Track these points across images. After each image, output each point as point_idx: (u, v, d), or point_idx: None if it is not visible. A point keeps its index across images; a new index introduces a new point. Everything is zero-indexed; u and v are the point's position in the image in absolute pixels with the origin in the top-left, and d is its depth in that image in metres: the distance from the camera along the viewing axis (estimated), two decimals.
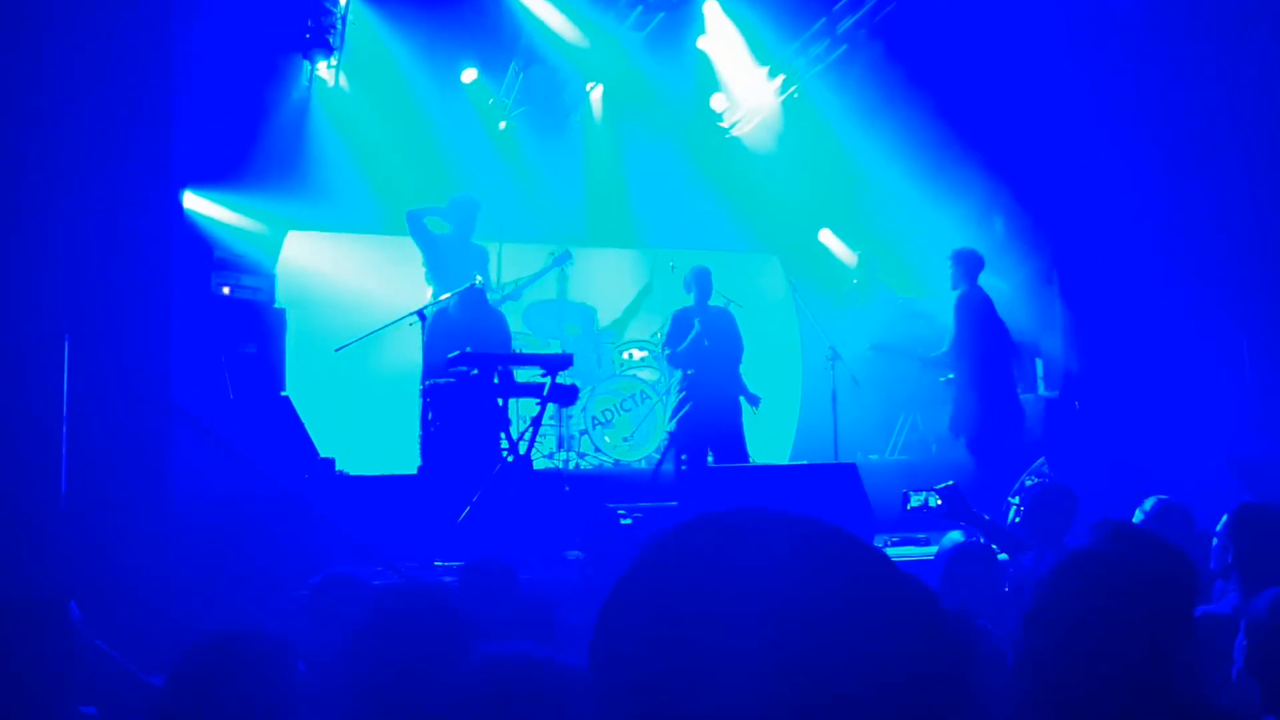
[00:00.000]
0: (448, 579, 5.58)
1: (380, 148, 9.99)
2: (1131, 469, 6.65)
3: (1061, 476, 5.84)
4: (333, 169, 9.81)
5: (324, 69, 9.59)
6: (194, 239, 7.84)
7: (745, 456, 8.03)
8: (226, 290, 8.03)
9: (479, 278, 7.57)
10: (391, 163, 10.00)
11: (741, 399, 8.15)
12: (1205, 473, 6.59)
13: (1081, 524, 4.22)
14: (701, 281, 8.23)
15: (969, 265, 7.58)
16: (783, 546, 0.87)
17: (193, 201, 8.11)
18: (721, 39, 10.06)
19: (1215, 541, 3.50)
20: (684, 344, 8.04)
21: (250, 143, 8.59)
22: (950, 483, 4.73)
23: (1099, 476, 6.34)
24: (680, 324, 8.17)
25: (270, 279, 8.51)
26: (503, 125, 10.87)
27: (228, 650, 2.14)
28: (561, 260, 9.58)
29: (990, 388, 7.40)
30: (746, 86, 10.52)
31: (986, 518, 4.70)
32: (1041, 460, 6.79)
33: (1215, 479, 6.47)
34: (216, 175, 8.12)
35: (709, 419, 7.99)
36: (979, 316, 7.47)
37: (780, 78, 10.26)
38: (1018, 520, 4.73)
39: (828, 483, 6.77)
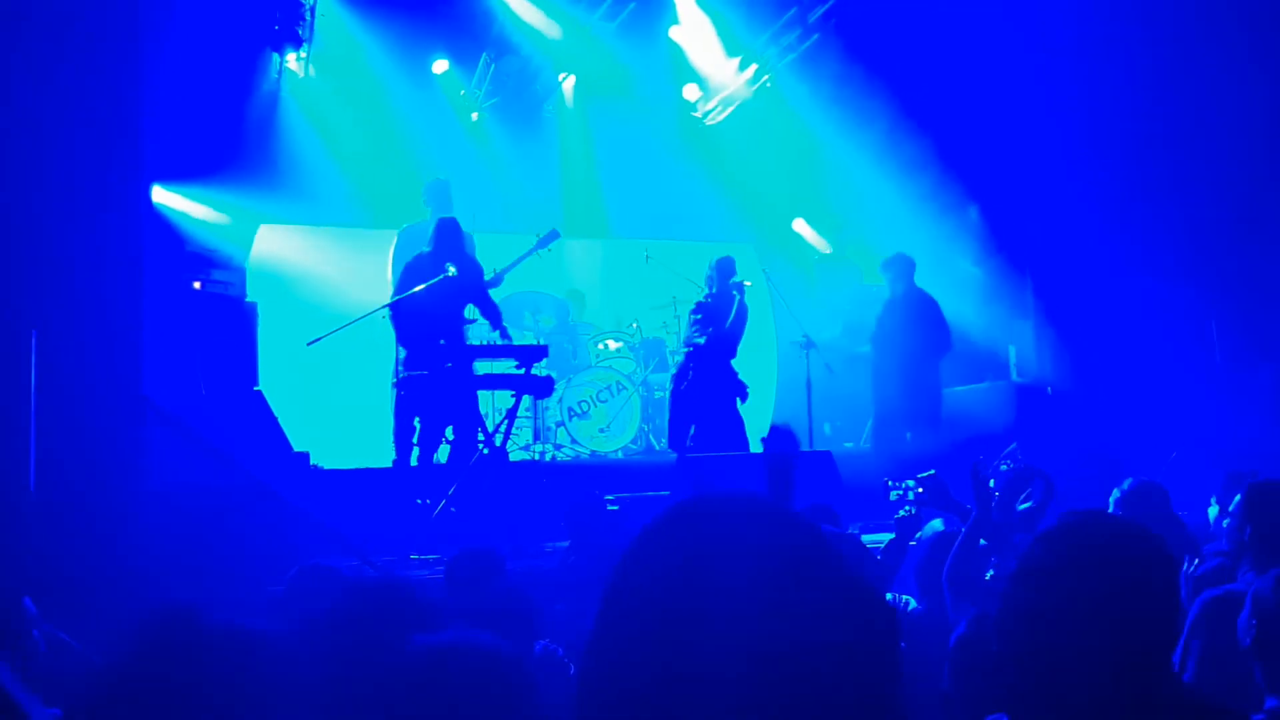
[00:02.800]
0: (430, 571, 5.57)
1: (352, 140, 9.92)
2: (1104, 453, 6.70)
3: (1034, 461, 5.87)
4: (304, 162, 9.73)
5: (293, 62, 9.51)
6: (165, 234, 7.76)
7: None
8: (198, 285, 7.96)
9: (452, 268, 7.52)
10: (363, 155, 9.94)
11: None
12: (1177, 455, 6.66)
13: (1056, 508, 4.26)
14: (724, 272, 8.10)
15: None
16: (764, 538, 0.94)
17: (163, 196, 8.02)
18: (693, 29, 10.05)
19: (1227, 521, 3.57)
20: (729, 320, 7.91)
21: (220, 137, 8.50)
22: (931, 472, 4.73)
23: (1072, 461, 6.39)
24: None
25: (241, 273, 8.43)
26: (475, 116, 10.81)
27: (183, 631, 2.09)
28: (548, 240, 9.49)
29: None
30: (719, 76, 10.51)
31: (968, 507, 4.72)
32: (1014, 445, 6.84)
33: (1187, 461, 6.53)
34: (187, 170, 8.04)
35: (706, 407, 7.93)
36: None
37: (753, 67, 10.26)
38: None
39: (803, 470, 6.79)
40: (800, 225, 11.48)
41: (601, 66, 10.29)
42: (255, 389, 7.48)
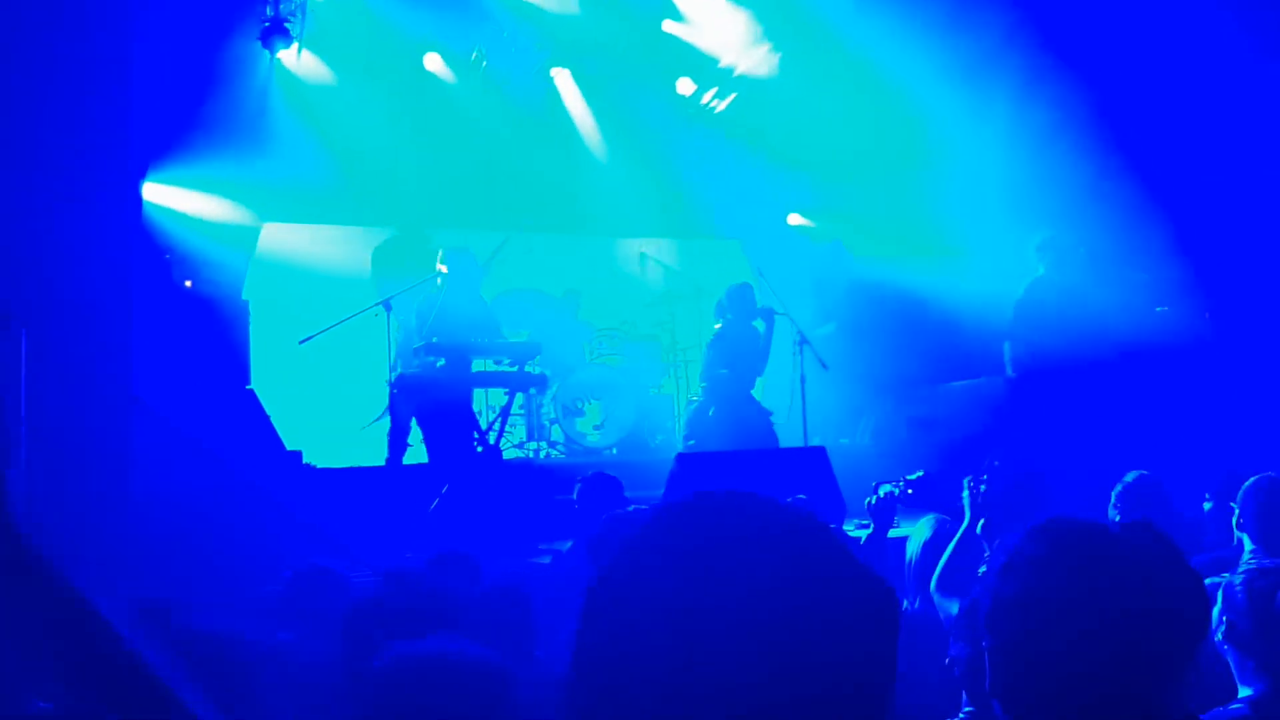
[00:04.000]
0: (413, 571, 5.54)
1: (346, 136, 9.85)
2: (1097, 450, 6.68)
3: (1027, 458, 5.87)
4: (298, 159, 9.66)
5: (287, 56, 9.42)
6: (156, 233, 7.75)
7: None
8: (189, 284, 7.94)
9: (443, 267, 7.52)
10: (357, 151, 9.87)
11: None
12: (1172, 452, 6.64)
13: (1049, 506, 4.25)
14: (744, 301, 7.95)
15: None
16: (765, 537, 0.93)
17: (155, 194, 7.99)
18: (696, 15, 9.98)
19: (1235, 512, 3.66)
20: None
21: (212, 134, 8.45)
22: (921, 473, 4.74)
23: (1065, 457, 6.37)
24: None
25: (235, 272, 8.41)
26: (468, 111, 10.75)
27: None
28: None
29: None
30: (726, 55, 10.42)
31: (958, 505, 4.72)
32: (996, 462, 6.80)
33: (1181, 459, 6.51)
34: (179, 167, 8.02)
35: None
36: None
37: (765, 45, 10.13)
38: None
39: (797, 466, 6.80)
40: (796, 219, 11.47)
41: (596, 61, 10.26)
42: (247, 388, 7.46)
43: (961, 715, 2.73)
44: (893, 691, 0.92)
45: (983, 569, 4.08)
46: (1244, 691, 2.47)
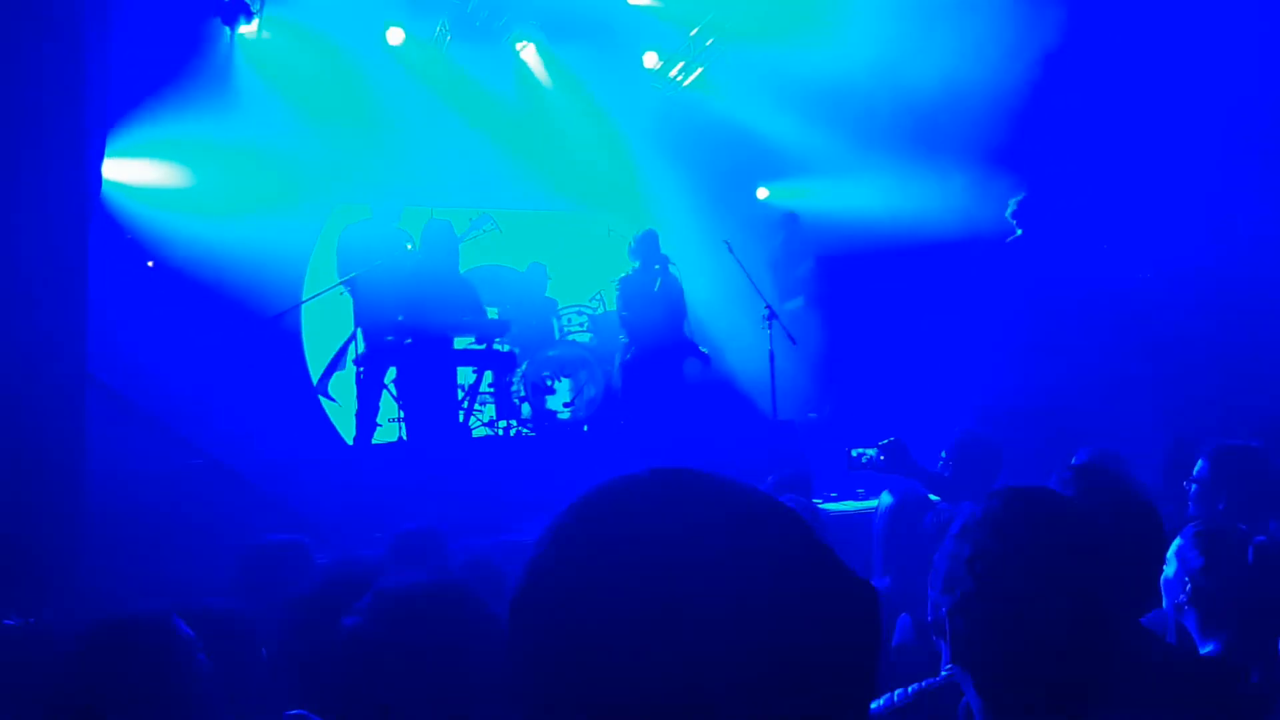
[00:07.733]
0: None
1: (308, 113, 9.73)
2: (1057, 422, 6.72)
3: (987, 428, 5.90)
4: (259, 134, 9.53)
5: (248, 31, 9.28)
6: (117, 210, 7.66)
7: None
8: (151, 264, 7.88)
9: (410, 245, 7.48)
10: (319, 129, 9.75)
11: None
12: (1133, 425, 6.71)
13: (1006, 475, 4.30)
14: (646, 246, 8.16)
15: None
16: (705, 510, 0.87)
17: (118, 170, 7.89)
18: None
19: (1194, 487, 3.66)
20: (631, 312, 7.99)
21: (177, 110, 8.33)
22: (892, 439, 4.77)
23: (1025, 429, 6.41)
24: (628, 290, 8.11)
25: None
26: (432, 88, 10.65)
27: (122, 638, 2.07)
28: (480, 223, 9.38)
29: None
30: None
31: (928, 471, 4.75)
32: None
33: (1142, 431, 6.58)
34: (139, 140, 7.93)
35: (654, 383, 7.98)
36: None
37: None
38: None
39: (767, 440, 6.83)
40: (763, 193, 11.47)
41: (560, 32, 10.20)
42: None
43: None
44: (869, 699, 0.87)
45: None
46: (1206, 649, 2.56)
